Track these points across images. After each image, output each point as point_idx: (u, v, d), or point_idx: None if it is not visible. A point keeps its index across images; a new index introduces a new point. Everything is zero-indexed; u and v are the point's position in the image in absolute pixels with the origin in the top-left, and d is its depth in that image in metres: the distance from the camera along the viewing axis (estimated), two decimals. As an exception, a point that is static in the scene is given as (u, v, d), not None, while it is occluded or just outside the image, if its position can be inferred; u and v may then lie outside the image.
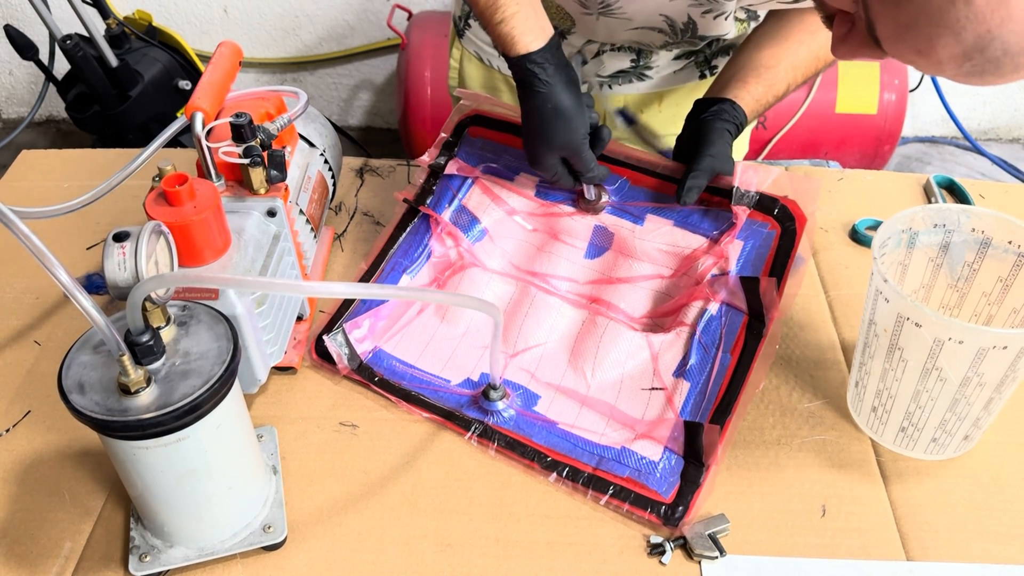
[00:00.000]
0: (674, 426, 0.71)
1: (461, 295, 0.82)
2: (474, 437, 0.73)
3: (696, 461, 0.69)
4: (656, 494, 0.67)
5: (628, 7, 0.86)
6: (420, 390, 0.76)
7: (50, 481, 0.70)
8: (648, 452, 0.70)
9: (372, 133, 2.57)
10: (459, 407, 0.75)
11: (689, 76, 1.04)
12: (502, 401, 0.74)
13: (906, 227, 0.70)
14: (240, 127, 0.70)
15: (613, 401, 0.75)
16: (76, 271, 0.89)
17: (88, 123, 1.95)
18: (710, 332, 0.77)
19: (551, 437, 0.72)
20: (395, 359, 0.79)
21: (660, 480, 0.68)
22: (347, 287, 0.59)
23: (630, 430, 0.72)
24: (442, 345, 0.81)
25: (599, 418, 0.74)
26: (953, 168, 2.42)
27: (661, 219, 0.84)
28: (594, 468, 0.69)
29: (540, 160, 0.80)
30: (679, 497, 0.67)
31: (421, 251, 0.87)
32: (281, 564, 0.65)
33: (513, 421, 0.74)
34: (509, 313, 0.83)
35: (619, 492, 0.68)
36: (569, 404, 0.76)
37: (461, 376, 0.78)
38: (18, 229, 0.48)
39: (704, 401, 0.73)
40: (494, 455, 0.72)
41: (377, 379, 0.77)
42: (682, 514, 0.66)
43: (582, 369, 0.78)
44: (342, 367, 0.78)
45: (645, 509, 0.67)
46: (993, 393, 0.65)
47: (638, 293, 0.82)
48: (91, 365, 0.56)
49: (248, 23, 2.36)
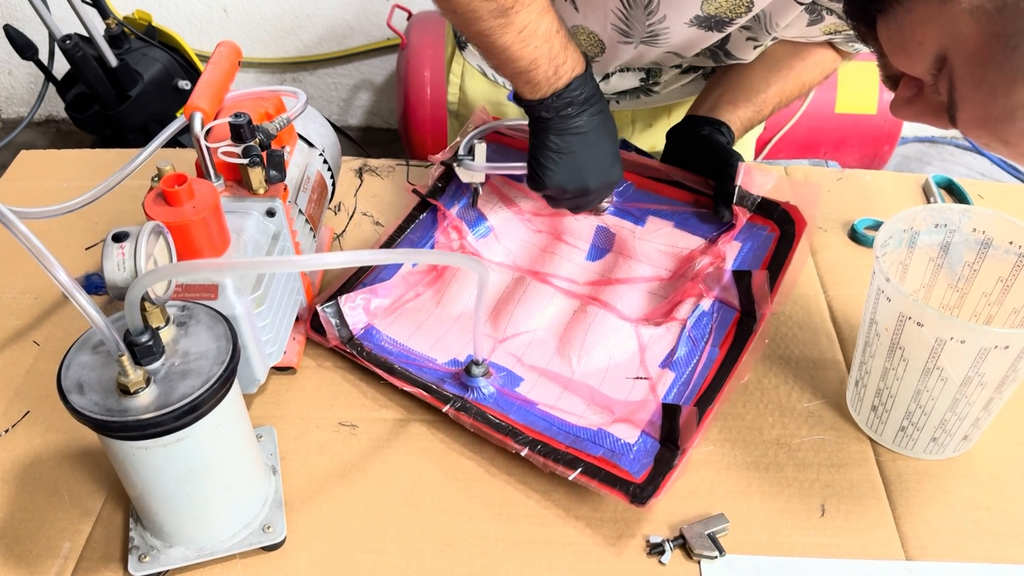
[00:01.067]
0: (653, 411, 0.71)
1: (447, 253, 0.83)
2: (451, 410, 0.72)
3: (672, 444, 0.68)
4: (627, 474, 0.66)
5: (674, 36, 0.85)
6: (405, 366, 0.77)
7: (49, 481, 0.70)
8: (624, 435, 0.70)
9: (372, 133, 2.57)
10: (440, 381, 0.75)
11: (696, 88, 1.04)
12: (484, 378, 0.74)
13: (907, 227, 0.70)
14: (239, 127, 0.70)
15: (596, 386, 0.75)
16: (75, 271, 0.89)
17: (88, 123, 1.95)
18: (701, 327, 0.77)
19: (529, 415, 0.72)
20: (386, 336, 0.80)
21: (633, 461, 0.67)
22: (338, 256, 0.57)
23: (609, 413, 0.72)
24: (434, 327, 0.81)
25: (580, 401, 0.74)
26: (952, 168, 2.42)
27: (662, 220, 0.84)
28: (567, 447, 0.69)
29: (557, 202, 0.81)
30: (650, 478, 0.66)
31: (426, 243, 0.87)
32: (281, 564, 0.65)
33: (493, 398, 0.74)
34: (502, 300, 0.83)
35: (589, 469, 0.66)
36: (552, 387, 0.76)
37: (448, 356, 0.79)
38: (17, 229, 0.47)
39: (688, 391, 0.73)
40: (470, 429, 0.72)
41: (365, 353, 0.77)
42: (651, 494, 0.64)
43: (568, 355, 0.78)
44: (332, 337, 0.78)
45: (614, 487, 0.65)
46: (993, 393, 0.65)
47: (635, 294, 0.82)
48: (90, 365, 0.56)
49: (248, 23, 2.36)
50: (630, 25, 0.84)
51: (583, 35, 0.89)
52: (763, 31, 0.85)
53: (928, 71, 0.51)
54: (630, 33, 0.86)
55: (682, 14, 0.80)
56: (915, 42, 0.50)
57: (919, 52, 0.51)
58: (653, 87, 1.03)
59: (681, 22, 0.81)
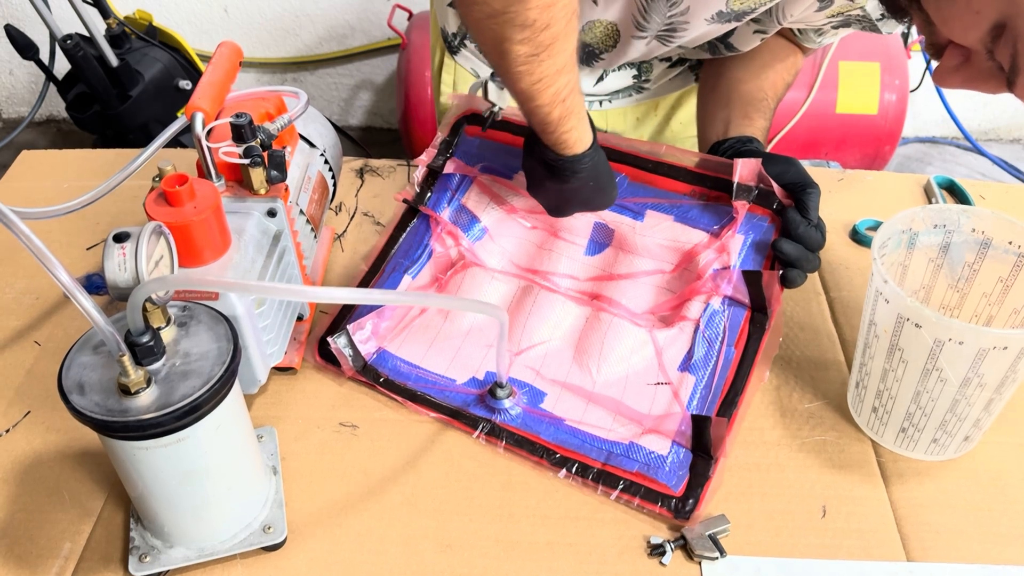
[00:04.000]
0: (681, 420, 0.71)
1: (465, 299, 0.82)
2: (482, 436, 0.73)
3: (704, 454, 0.69)
4: (666, 488, 0.67)
5: (692, 31, 0.84)
6: (426, 390, 0.76)
7: (50, 481, 0.70)
8: (656, 446, 0.70)
9: (372, 133, 2.57)
10: (465, 406, 0.75)
11: (685, 81, 1.04)
12: (509, 399, 0.74)
13: (906, 227, 0.70)
14: (240, 127, 0.70)
15: (619, 397, 0.75)
16: (76, 271, 0.89)
17: (88, 123, 1.95)
18: (713, 326, 0.77)
19: (559, 433, 0.72)
20: (399, 359, 0.79)
21: (669, 474, 0.68)
22: (350, 292, 0.58)
23: (637, 425, 0.72)
24: (446, 344, 0.81)
25: (606, 414, 0.74)
26: (953, 168, 2.42)
27: (661, 215, 0.84)
28: (603, 463, 0.70)
29: (566, 214, 0.83)
30: (689, 490, 0.67)
31: (422, 251, 0.86)
32: (281, 564, 0.65)
33: (520, 419, 0.74)
34: (512, 311, 0.83)
35: (629, 487, 0.68)
36: (575, 400, 0.76)
37: (467, 375, 0.78)
38: (18, 229, 0.47)
39: (710, 395, 0.73)
40: (503, 452, 0.72)
41: (382, 380, 0.77)
42: (692, 507, 0.66)
43: (587, 365, 0.78)
44: (347, 368, 0.78)
45: (656, 503, 0.67)
46: (993, 394, 0.65)
47: (640, 289, 0.82)
48: (91, 366, 0.56)
49: (248, 23, 2.36)
50: (648, 18, 0.84)
51: (599, 28, 0.89)
52: (773, 22, 0.85)
53: (982, 39, 0.53)
54: (646, 27, 0.85)
55: (707, 8, 0.79)
56: (971, 12, 0.52)
57: (975, 21, 0.52)
58: (644, 84, 1.03)
59: (703, 17, 0.81)
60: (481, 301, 0.72)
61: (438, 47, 1.05)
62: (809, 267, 0.76)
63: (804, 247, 0.76)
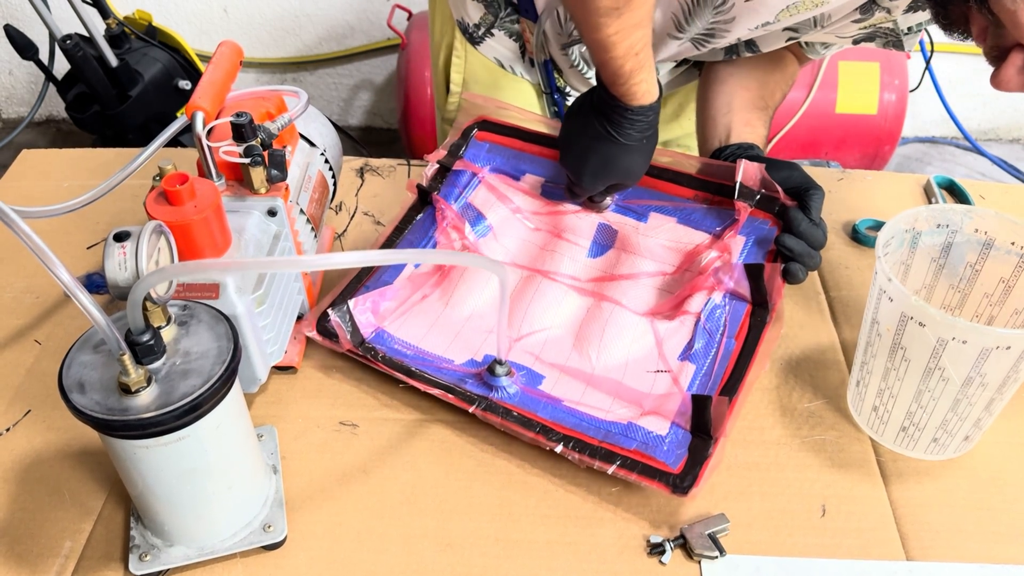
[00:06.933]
0: (681, 402, 0.71)
1: (466, 254, 0.83)
2: (477, 411, 0.72)
3: (704, 434, 0.69)
4: (664, 465, 0.66)
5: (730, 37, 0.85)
6: (423, 367, 0.76)
7: (50, 480, 0.70)
8: (655, 427, 0.70)
9: (372, 133, 2.57)
10: (462, 382, 0.74)
11: (689, 77, 1.05)
12: (507, 377, 0.73)
13: (909, 227, 0.70)
14: (241, 127, 0.70)
15: (619, 380, 0.75)
16: (76, 271, 0.88)
17: (88, 123, 1.95)
18: (714, 319, 0.77)
19: (557, 412, 0.72)
20: (398, 340, 0.79)
21: (668, 452, 0.68)
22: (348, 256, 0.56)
23: (637, 406, 0.72)
24: (446, 327, 0.81)
25: (605, 396, 0.74)
26: (953, 168, 2.42)
27: (664, 216, 0.85)
28: (600, 441, 0.69)
29: (596, 184, 0.82)
30: (687, 468, 0.66)
31: (426, 243, 0.87)
32: (281, 563, 0.65)
33: (518, 397, 0.73)
34: (514, 298, 0.83)
35: (626, 462, 0.67)
36: (574, 383, 0.75)
37: (465, 356, 0.78)
38: (19, 228, 0.47)
39: (710, 381, 0.73)
40: (500, 428, 0.71)
41: (380, 356, 0.77)
42: (691, 483, 0.65)
43: (587, 352, 0.78)
44: (344, 342, 0.77)
45: (653, 478, 0.65)
46: (995, 394, 0.65)
47: (641, 289, 0.82)
48: (91, 364, 0.56)
49: (248, 23, 2.36)
50: (691, 22, 0.84)
51: None
52: (810, 27, 0.85)
53: None
54: (686, 29, 0.86)
55: (754, 19, 0.80)
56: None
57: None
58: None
59: (747, 26, 0.82)
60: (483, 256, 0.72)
61: (443, 45, 1.04)
62: (811, 263, 0.77)
63: (806, 244, 0.76)
